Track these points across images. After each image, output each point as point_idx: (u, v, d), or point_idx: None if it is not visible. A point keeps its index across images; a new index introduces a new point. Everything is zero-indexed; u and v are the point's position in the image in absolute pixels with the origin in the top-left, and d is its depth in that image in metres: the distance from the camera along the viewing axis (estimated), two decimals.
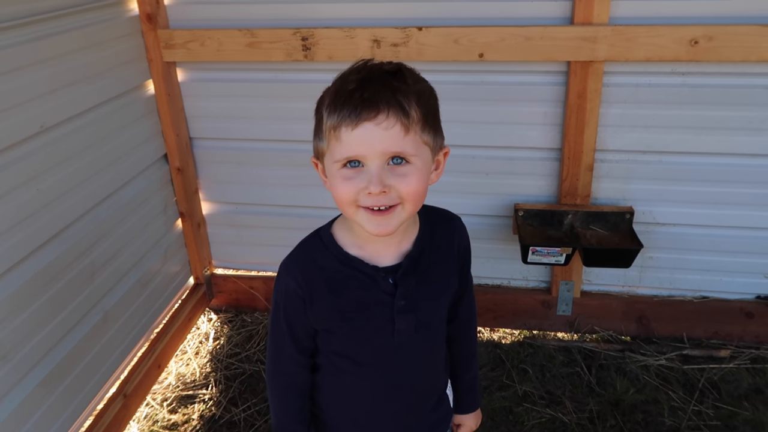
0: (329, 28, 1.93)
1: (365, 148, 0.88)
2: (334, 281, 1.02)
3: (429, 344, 1.10)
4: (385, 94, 0.87)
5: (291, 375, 1.11)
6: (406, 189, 0.91)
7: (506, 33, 1.85)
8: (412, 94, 0.90)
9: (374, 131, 0.87)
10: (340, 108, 0.88)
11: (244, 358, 2.25)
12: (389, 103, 0.87)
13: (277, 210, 2.29)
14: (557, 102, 1.98)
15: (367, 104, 0.87)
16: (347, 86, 0.89)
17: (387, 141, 0.88)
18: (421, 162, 0.92)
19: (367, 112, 0.87)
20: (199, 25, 2.04)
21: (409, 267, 1.02)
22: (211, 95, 2.17)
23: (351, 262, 1.02)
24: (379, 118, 0.87)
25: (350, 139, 0.88)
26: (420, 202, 0.96)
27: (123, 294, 1.95)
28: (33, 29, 1.55)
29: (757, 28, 1.74)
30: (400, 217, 0.94)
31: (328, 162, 0.95)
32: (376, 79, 0.90)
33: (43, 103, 1.58)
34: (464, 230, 1.13)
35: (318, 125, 0.96)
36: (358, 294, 1.02)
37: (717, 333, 2.21)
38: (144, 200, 2.08)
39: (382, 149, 0.88)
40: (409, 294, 1.02)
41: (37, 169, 1.56)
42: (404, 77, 0.92)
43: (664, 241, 2.12)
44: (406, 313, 1.03)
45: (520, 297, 2.30)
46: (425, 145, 0.93)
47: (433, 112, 0.96)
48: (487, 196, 2.16)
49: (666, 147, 1.98)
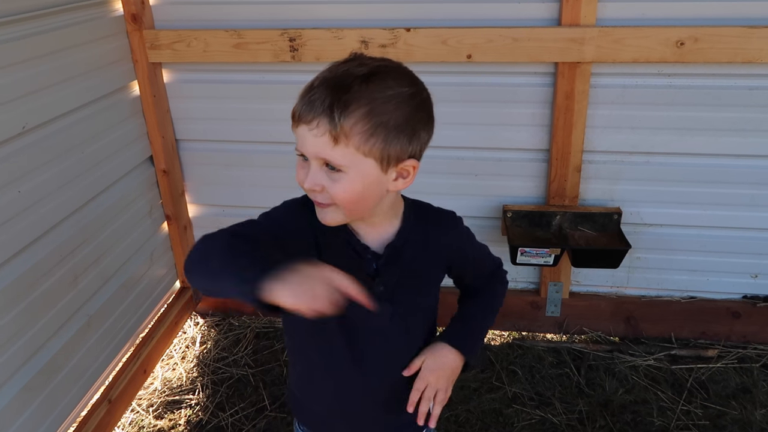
0: (317, 29, 1.92)
1: (304, 147, 0.92)
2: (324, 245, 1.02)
3: (403, 336, 1.09)
4: (326, 101, 0.87)
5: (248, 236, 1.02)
6: (335, 193, 0.92)
7: (494, 34, 1.86)
8: (362, 105, 0.87)
9: (308, 135, 0.90)
10: (298, 102, 0.91)
11: (232, 362, 2.23)
12: (323, 112, 0.87)
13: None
14: (545, 103, 1.98)
15: (307, 108, 0.89)
16: (314, 82, 0.92)
17: (317, 147, 0.90)
18: (355, 172, 0.90)
19: (306, 116, 0.89)
20: (185, 25, 2.02)
21: (390, 256, 1.03)
22: (198, 96, 2.14)
23: (347, 233, 1.02)
24: (312, 124, 0.89)
25: (297, 133, 0.93)
26: (360, 208, 0.96)
27: (107, 298, 1.92)
28: (15, 28, 1.52)
29: (742, 29, 1.75)
30: (336, 216, 0.95)
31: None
32: (335, 82, 0.88)
33: (26, 103, 1.54)
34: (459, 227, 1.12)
35: None
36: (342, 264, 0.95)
37: (704, 333, 2.23)
38: (129, 203, 2.05)
39: (313, 152, 0.91)
40: (389, 283, 1.03)
41: (18, 171, 1.53)
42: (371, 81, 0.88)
43: (651, 241, 2.13)
44: (382, 300, 1.02)
45: (509, 298, 2.26)
46: (368, 156, 0.90)
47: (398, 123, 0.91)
48: (475, 198, 2.15)
49: (653, 148, 1.99)
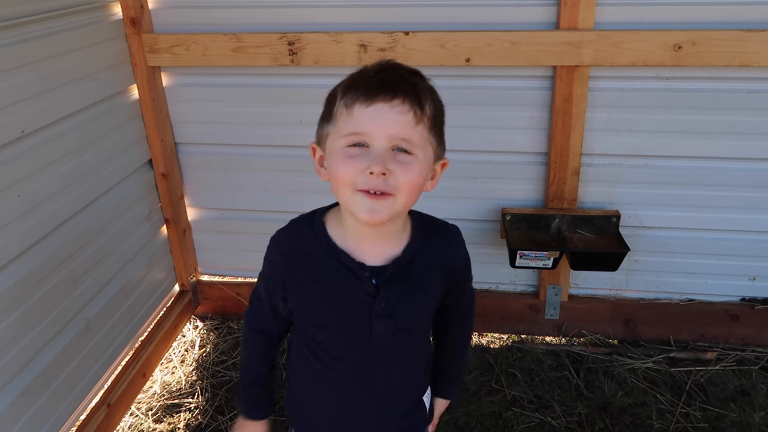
0: (316, 32, 1.93)
1: (375, 127, 0.90)
2: (317, 270, 1.02)
3: (407, 349, 1.09)
4: (403, 83, 0.90)
5: (263, 323, 1.15)
6: (404, 178, 0.91)
7: (492, 38, 1.86)
8: (428, 92, 0.94)
9: (388, 112, 0.89)
10: (357, 87, 0.90)
11: (231, 365, 2.23)
12: (406, 91, 0.90)
13: (263, 216, 2.28)
14: (543, 106, 1.99)
15: (385, 86, 0.89)
16: (367, 73, 0.92)
17: (397, 125, 0.89)
18: (423, 157, 0.94)
19: (384, 93, 0.89)
20: (184, 29, 2.02)
21: (395, 273, 1.01)
22: (197, 100, 2.15)
23: (337, 254, 1.01)
24: (395, 101, 0.89)
25: (362, 114, 0.90)
26: (413, 198, 0.96)
27: (106, 302, 1.92)
28: (15, 32, 1.52)
29: (739, 33, 1.76)
30: (394, 207, 0.93)
31: (332, 141, 0.95)
32: (396, 70, 0.93)
33: (26, 107, 1.55)
34: (461, 243, 1.12)
35: (328, 108, 0.97)
36: (339, 287, 1.02)
37: (703, 335, 2.23)
38: (128, 206, 2.05)
39: (391, 132, 0.90)
40: (391, 299, 1.01)
41: (18, 175, 1.53)
42: (423, 77, 0.96)
43: (650, 244, 2.13)
44: (384, 318, 1.02)
45: (508, 301, 2.30)
46: (429, 144, 0.95)
47: (440, 120, 0.99)
48: (474, 201, 2.16)
49: (651, 151, 2.00)
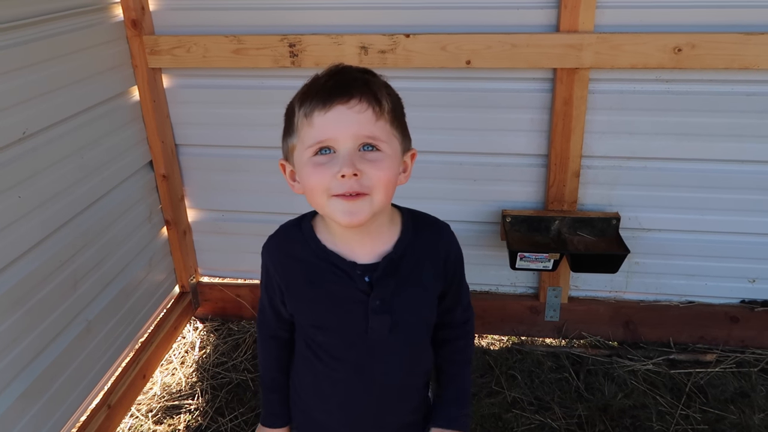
0: (317, 34, 1.93)
1: (337, 131, 0.90)
2: (310, 274, 1.04)
3: (406, 346, 1.09)
4: (357, 83, 0.91)
5: (273, 331, 1.17)
6: (376, 175, 0.92)
7: (493, 40, 1.86)
8: (383, 88, 0.94)
9: (347, 114, 0.89)
10: (312, 96, 0.91)
11: (231, 367, 2.23)
12: (361, 90, 0.90)
13: (263, 217, 2.28)
14: (544, 108, 1.99)
15: (339, 89, 0.90)
16: (319, 80, 0.93)
17: (358, 124, 0.90)
18: (391, 151, 0.94)
19: (339, 96, 0.89)
20: (185, 31, 2.02)
21: (387, 268, 1.02)
22: (198, 102, 2.15)
23: (328, 256, 1.03)
24: (352, 102, 0.89)
25: (322, 122, 0.90)
26: (389, 194, 0.96)
27: (107, 303, 1.92)
28: (15, 34, 1.52)
29: (739, 36, 1.77)
30: (372, 205, 0.94)
31: (299, 153, 0.95)
32: (347, 73, 0.94)
33: (27, 108, 1.55)
34: (453, 238, 1.12)
35: (288, 122, 0.98)
36: (333, 288, 1.03)
37: (703, 337, 2.23)
38: (129, 208, 2.05)
39: (353, 132, 0.90)
40: (385, 295, 1.02)
41: (19, 176, 1.53)
42: (374, 75, 0.96)
43: (650, 246, 2.13)
44: (380, 314, 1.03)
45: (508, 303, 2.30)
46: (395, 138, 0.96)
47: (401, 112, 0.99)
48: (474, 203, 2.16)
49: (651, 153, 2.00)
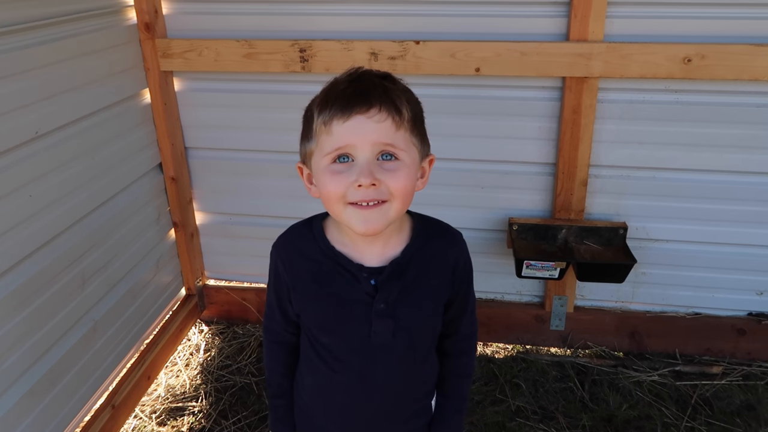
0: (327, 40, 1.94)
1: (356, 139, 0.90)
2: (318, 273, 1.04)
3: (409, 351, 1.09)
4: (377, 91, 0.91)
5: (279, 335, 1.17)
6: (395, 184, 0.92)
7: (502, 48, 1.87)
8: (402, 95, 0.94)
9: (366, 123, 0.89)
10: (332, 103, 0.91)
11: (235, 370, 2.23)
12: (381, 99, 0.90)
13: (271, 221, 2.29)
14: (552, 117, 1.99)
15: (359, 98, 0.89)
16: (339, 86, 0.93)
17: (378, 133, 0.90)
18: (410, 160, 0.94)
19: (359, 106, 0.89)
20: (198, 35, 2.04)
21: (393, 273, 1.03)
22: (208, 105, 2.17)
23: (336, 257, 1.03)
24: (372, 111, 0.89)
25: (341, 130, 0.90)
26: (407, 203, 0.97)
27: (113, 304, 1.93)
28: (32, 35, 1.54)
29: (749, 47, 1.77)
30: (388, 214, 0.94)
31: (316, 159, 0.96)
32: (367, 79, 0.93)
33: (40, 108, 1.57)
34: (464, 246, 1.12)
35: (307, 127, 0.98)
36: (338, 289, 1.04)
37: (709, 349, 2.22)
38: (137, 209, 2.06)
39: (372, 140, 0.90)
40: (390, 299, 1.03)
41: (30, 176, 1.55)
42: (394, 80, 0.96)
43: (657, 256, 2.13)
44: (384, 317, 1.03)
45: (514, 311, 2.29)
46: (413, 146, 0.96)
47: (420, 119, 0.99)
48: (481, 210, 2.16)
49: (659, 163, 2.00)
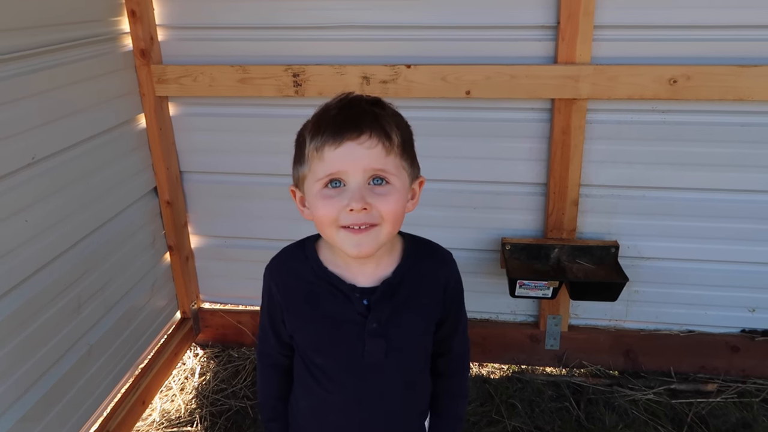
0: (320, 64, 1.98)
1: (347, 165, 0.92)
2: (310, 294, 1.06)
3: (402, 371, 1.10)
4: (367, 117, 0.93)
5: (273, 358, 1.18)
6: (386, 208, 0.94)
7: (492, 71, 1.91)
8: (392, 121, 0.96)
9: (357, 149, 0.92)
10: (323, 130, 0.93)
11: (231, 394, 2.22)
12: (372, 126, 0.92)
13: (266, 243, 2.29)
14: (542, 138, 2.02)
15: (350, 125, 0.92)
16: (330, 112, 0.95)
17: (368, 158, 0.92)
18: (400, 184, 0.97)
19: (350, 132, 0.91)
20: (193, 60, 2.07)
21: (385, 293, 1.04)
22: (203, 129, 2.19)
23: (328, 277, 1.05)
24: (362, 138, 0.92)
25: (333, 156, 0.92)
26: (397, 225, 0.99)
27: (108, 328, 1.93)
28: (30, 62, 1.57)
29: (733, 68, 1.81)
30: (379, 237, 0.97)
31: (309, 184, 0.98)
32: (357, 105, 0.96)
33: (37, 134, 1.59)
34: (454, 266, 1.14)
35: (299, 151, 1.00)
36: (331, 309, 1.05)
37: (704, 367, 2.23)
38: (132, 233, 2.07)
39: (363, 166, 0.92)
40: (382, 319, 1.04)
41: (26, 200, 1.56)
42: (384, 106, 0.98)
43: (649, 275, 2.14)
44: (376, 337, 1.04)
45: (508, 331, 2.30)
46: (403, 170, 0.98)
47: (410, 143, 1.01)
48: (474, 230, 2.18)
49: (649, 182, 2.03)
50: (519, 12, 1.89)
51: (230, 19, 2.02)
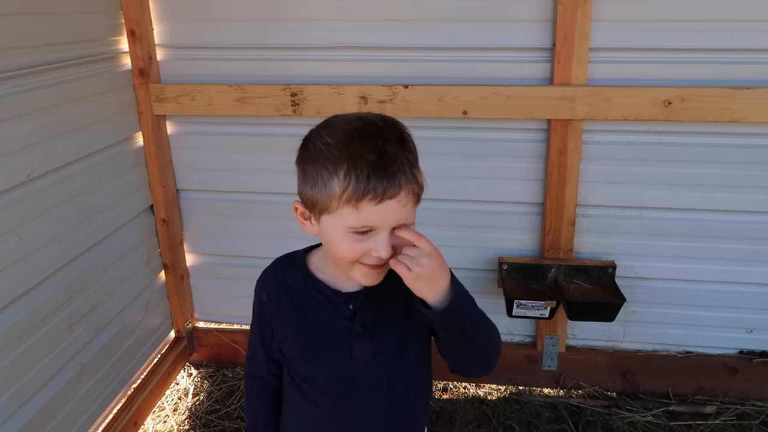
0: (318, 84, 1.99)
1: (383, 222, 0.93)
2: (297, 301, 1.07)
3: (391, 374, 1.08)
4: (404, 170, 0.92)
5: (262, 378, 1.18)
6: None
7: (489, 92, 1.92)
8: (416, 161, 0.96)
9: (395, 208, 0.92)
10: (365, 182, 0.89)
11: (224, 415, 2.19)
12: (409, 180, 0.92)
13: (261, 263, 2.23)
14: (539, 158, 2.03)
15: (391, 182, 0.90)
16: (366, 155, 0.89)
17: (402, 214, 0.93)
18: (413, 216, 0.98)
19: (391, 191, 0.90)
20: (191, 80, 2.08)
21: (368, 295, 1.05)
22: (200, 148, 2.19)
23: (315, 284, 1.06)
24: (401, 195, 0.91)
25: (371, 212, 0.91)
26: None
27: (101, 347, 1.91)
28: (30, 80, 1.57)
29: (727, 90, 1.82)
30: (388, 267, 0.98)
31: (331, 221, 0.95)
32: (393, 152, 0.91)
33: (33, 152, 1.58)
34: None
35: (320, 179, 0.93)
36: (318, 316, 1.06)
37: (702, 389, 2.21)
38: (128, 251, 2.06)
39: (397, 221, 0.93)
40: (368, 321, 1.05)
41: (21, 218, 1.55)
42: (409, 144, 0.96)
43: (646, 295, 2.14)
44: (363, 340, 1.05)
45: (506, 352, 2.27)
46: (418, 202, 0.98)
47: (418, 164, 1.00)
48: (471, 250, 2.18)
49: (644, 203, 2.03)
50: (515, 34, 1.91)
51: (229, 39, 2.04)
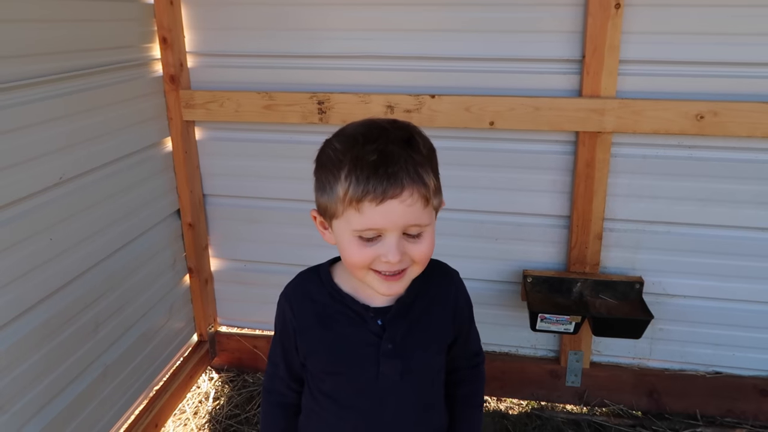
0: (345, 93, 2.00)
1: (387, 223, 0.89)
2: (324, 316, 1.04)
3: (417, 393, 1.07)
4: (408, 169, 0.88)
5: (281, 395, 1.16)
6: (419, 254, 0.94)
7: (516, 103, 1.91)
8: (427, 163, 0.92)
9: (398, 208, 0.88)
10: (364, 182, 0.87)
11: (244, 420, 2.19)
12: (413, 180, 0.88)
13: (285, 269, 2.28)
14: (566, 170, 2.01)
15: (392, 181, 0.87)
16: (367, 156, 0.88)
17: (408, 215, 0.89)
18: (431, 224, 0.95)
19: (392, 190, 0.87)
20: (220, 87, 2.11)
21: (399, 311, 1.03)
22: (227, 154, 2.22)
23: (342, 298, 1.04)
24: (404, 195, 0.88)
25: (373, 213, 0.88)
26: (427, 262, 0.98)
27: (125, 349, 1.93)
28: (63, 85, 1.61)
29: (761, 105, 1.79)
30: (410, 277, 0.97)
31: (340, 225, 0.95)
32: (396, 151, 0.89)
33: (66, 155, 1.62)
34: (461, 285, 1.14)
35: (328, 184, 0.93)
36: (346, 331, 1.04)
37: (731, 410, 2.15)
38: (154, 254, 2.09)
39: (403, 223, 0.90)
40: (398, 339, 1.03)
41: (52, 219, 1.58)
42: (418, 145, 0.92)
43: (674, 312, 2.09)
44: (392, 358, 1.03)
45: (528, 366, 2.25)
46: (434, 209, 0.96)
47: (437, 170, 0.97)
48: (495, 261, 2.16)
49: (674, 218, 1.99)
50: (544, 45, 1.90)
51: (257, 47, 2.06)
